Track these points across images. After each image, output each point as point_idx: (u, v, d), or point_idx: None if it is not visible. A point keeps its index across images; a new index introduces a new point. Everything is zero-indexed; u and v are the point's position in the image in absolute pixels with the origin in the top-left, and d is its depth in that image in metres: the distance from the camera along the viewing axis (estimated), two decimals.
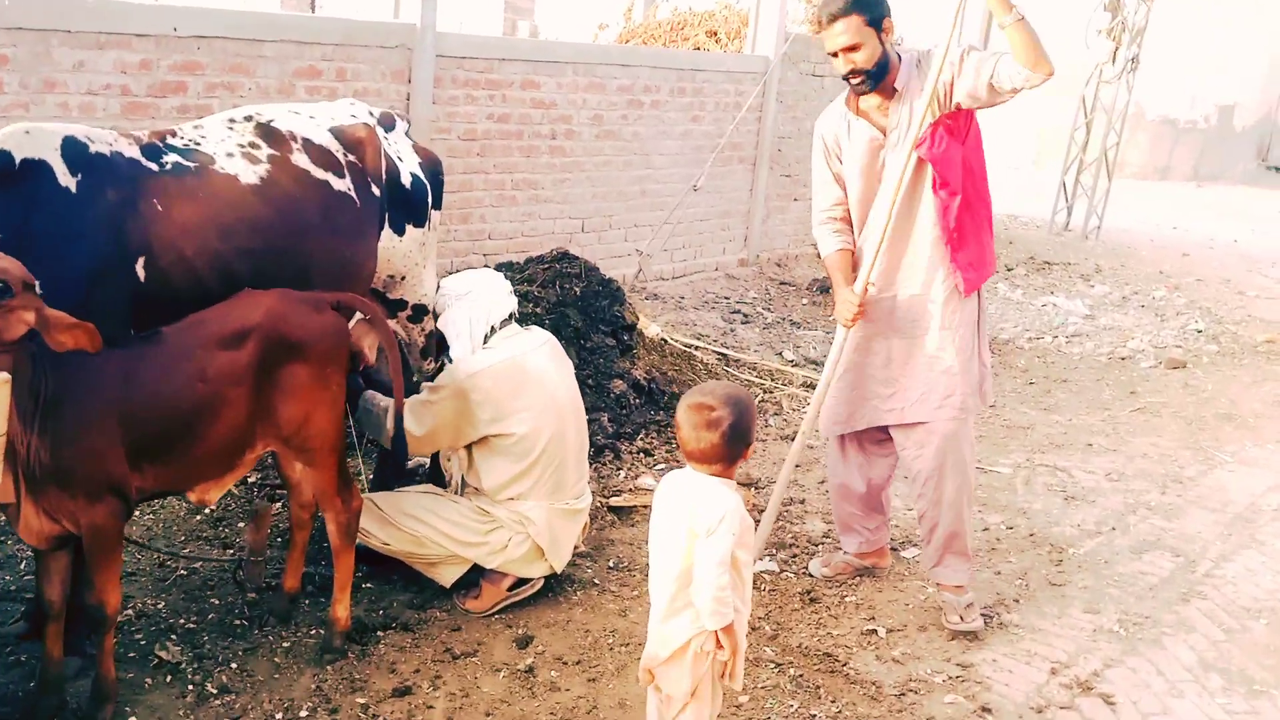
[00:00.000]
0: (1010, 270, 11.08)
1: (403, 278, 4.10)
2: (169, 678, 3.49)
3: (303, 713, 3.38)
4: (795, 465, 4.36)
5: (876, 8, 3.86)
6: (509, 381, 3.98)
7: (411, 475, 4.74)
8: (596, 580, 4.36)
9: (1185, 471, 6.16)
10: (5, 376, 2.77)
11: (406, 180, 3.96)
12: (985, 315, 4.22)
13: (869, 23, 3.84)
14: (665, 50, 10.63)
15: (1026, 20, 3.60)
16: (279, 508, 4.57)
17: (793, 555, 4.72)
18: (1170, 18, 16.32)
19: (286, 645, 3.74)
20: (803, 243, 10.41)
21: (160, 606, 3.89)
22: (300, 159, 3.64)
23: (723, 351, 7.24)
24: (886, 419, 4.20)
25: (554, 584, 4.22)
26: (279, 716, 3.36)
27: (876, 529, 4.53)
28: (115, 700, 3.24)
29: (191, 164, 3.42)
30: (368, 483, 4.66)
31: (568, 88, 7.82)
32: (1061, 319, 9.46)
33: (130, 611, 3.80)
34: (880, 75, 3.91)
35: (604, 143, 8.22)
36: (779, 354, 7.62)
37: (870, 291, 4.04)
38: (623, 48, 10.46)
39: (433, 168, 4.13)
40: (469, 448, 4.08)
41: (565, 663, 3.79)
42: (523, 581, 4.09)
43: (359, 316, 3.76)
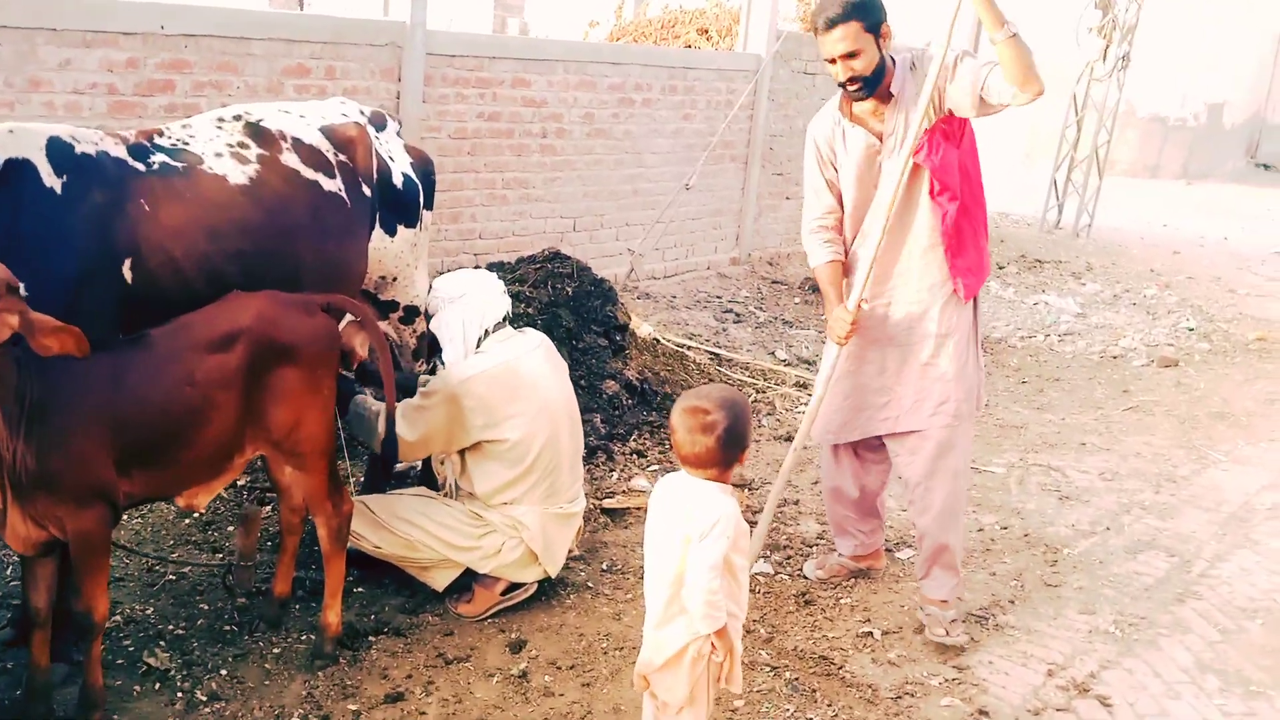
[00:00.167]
0: (1002, 268, 11.07)
1: (394, 279, 4.06)
2: (158, 685, 3.44)
3: None
4: (790, 472, 4.30)
5: (875, 13, 3.78)
6: (503, 387, 3.94)
7: (403, 478, 4.70)
8: (590, 583, 4.33)
9: (1179, 470, 6.15)
10: None
11: (398, 180, 3.92)
12: (980, 320, 4.17)
13: (867, 29, 3.76)
14: (657, 48, 10.61)
15: (1019, 37, 3.51)
16: (268, 511, 4.53)
17: (787, 557, 4.69)
18: (1160, 16, 16.34)
19: (277, 651, 3.70)
20: (795, 241, 10.37)
21: (149, 612, 3.85)
22: (290, 159, 3.59)
23: (715, 351, 7.21)
24: (880, 428, 4.13)
25: (547, 587, 4.18)
26: None
27: (871, 532, 4.50)
28: (103, 708, 3.20)
29: (179, 164, 3.38)
30: (358, 486, 4.62)
31: (559, 86, 7.78)
32: (1053, 317, 9.46)
33: (118, 617, 3.76)
34: (877, 81, 3.83)
35: (595, 141, 8.18)
36: (771, 353, 7.59)
37: (864, 308, 3.96)
38: (614, 46, 10.43)
39: (424, 167, 4.09)
40: (462, 453, 4.04)
41: (559, 667, 3.75)
42: (516, 586, 4.05)
43: (349, 318, 3.72)
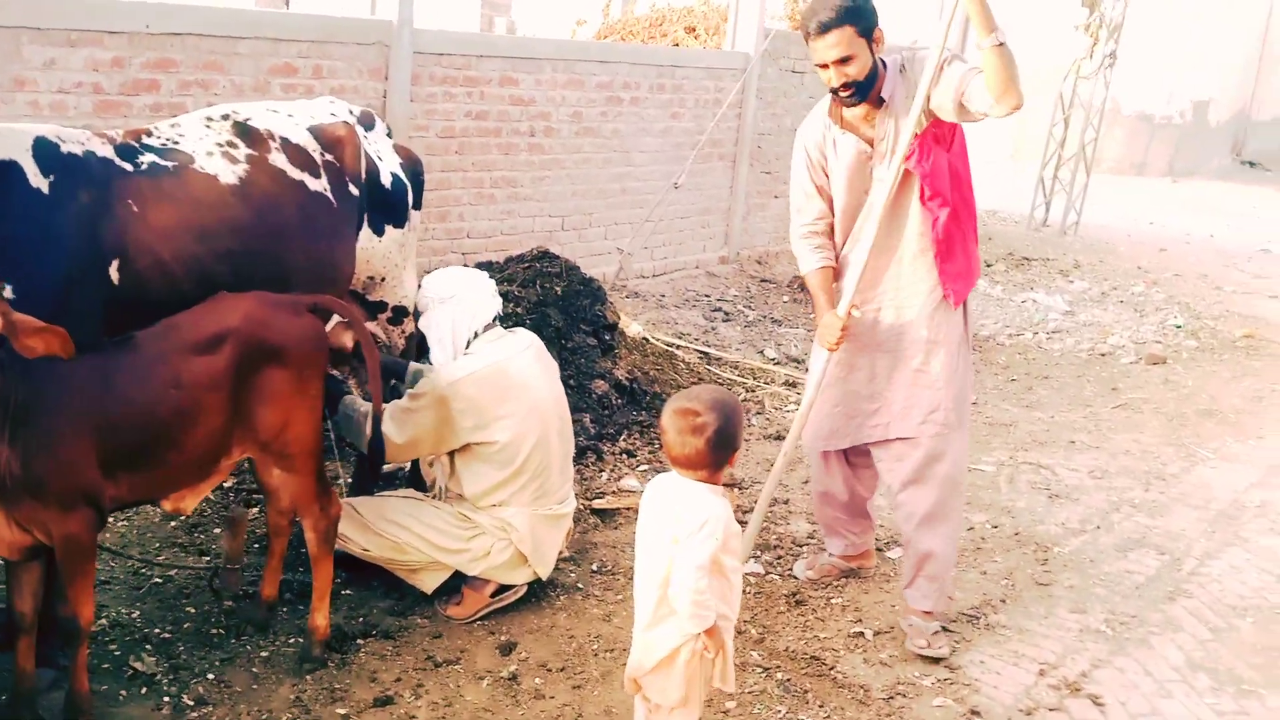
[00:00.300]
0: (990, 266, 11.08)
1: (382, 279, 4.03)
2: (144, 689, 3.41)
3: None
4: (780, 476, 4.26)
5: (869, 17, 3.70)
6: (492, 388, 3.91)
7: (391, 480, 4.68)
8: (580, 584, 4.31)
9: (1168, 468, 6.16)
10: None
11: (386, 180, 3.90)
12: (971, 325, 4.12)
13: (861, 33, 3.68)
14: (644, 46, 10.58)
15: (1006, 47, 3.44)
16: (255, 514, 4.50)
17: (778, 557, 4.68)
18: (1146, 13, 16.39)
19: (264, 655, 3.67)
20: (783, 240, 10.37)
21: (135, 616, 3.81)
22: (278, 159, 3.56)
23: (705, 350, 7.20)
24: (870, 436, 4.08)
25: (537, 589, 4.16)
26: None
27: (862, 532, 4.49)
28: (90, 713, 3.17)
29: (168, 164, 3.35)
30: (346, 488, 4.60)
31: (546, 84, 7.75)
32: (1041, 315, 9.47)
33: (104, 621, 3.72)
34: (870, 86, 3.77)
35: (583, 140, 8.15)
36: (760, 352, 7.58)
37: (854, 315, 3.91)
38: (602, 44, 10.40)
39: (413, 167, 4.07)
40: (451, 454, 4.02)
41: (549, 669, 3.73)
42: (506, 588, 4.03)
43: (337, 319, 3.69)
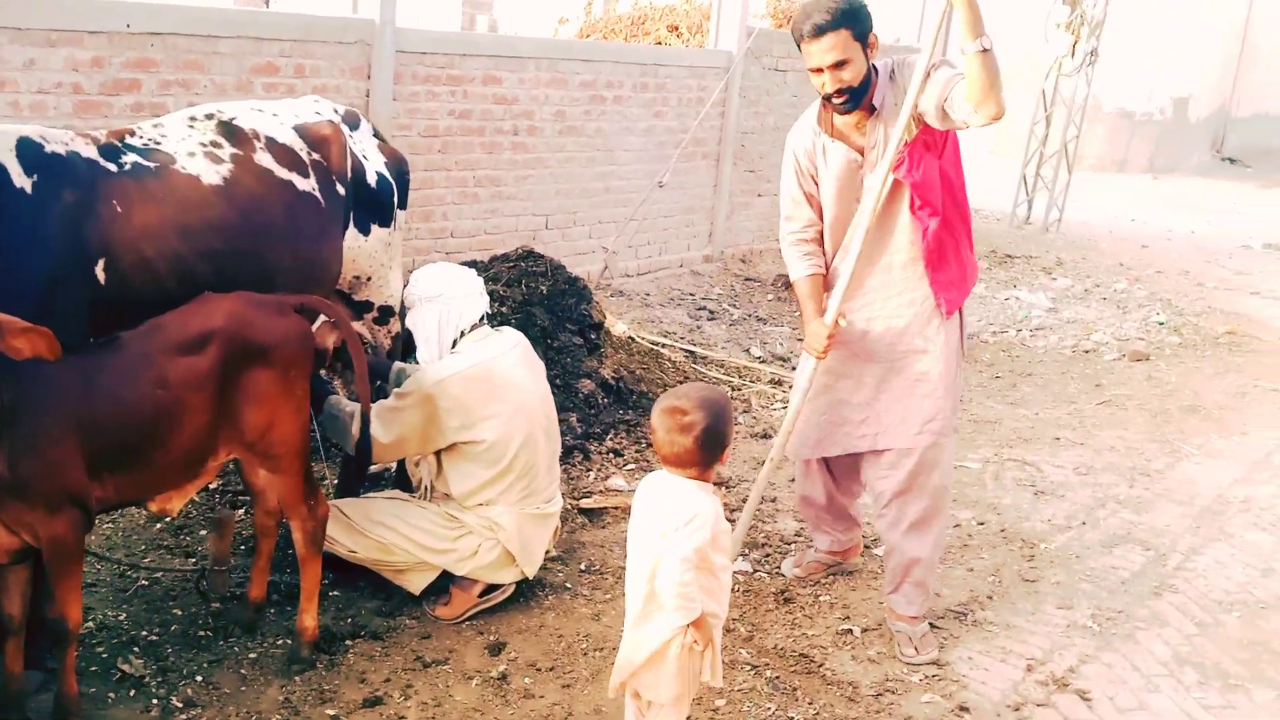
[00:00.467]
0: None
1: (368, 279, 4.02)
2: (132, 691, 3.39)
3: None
4: (768, 477, 4.21)
5: (864, 21, 3.61)
6: (479, 387, 3.90)
7: (377, 481, 4.66)
8: (568, 584, 4.30)
9: (1152, 464, 6.19)
10: None
11: (372, 179, 3.88)
12: (966, 332, 4.05)
13: (856, 37, 3.58)
14: (628, 45, 10.57)
15: (991, 54, 3.35)
16: (241, 515, 4.48)
17: (766, 555, 4.69)
18: (1127, 11, 16.48)
19: (253, 656, 3.65)
20: (767, 238, 10.40)
21: (121, 618, 3.79)
22: (264, 158, 3.55)
23: (690, 349, 7.20)
24: (859, 445, 4.02)
25: (525, 589, 4.16)
26: None
27: (846, 530, 4.46)
28: (78, 715, 3.15)
29: (151, 164, 3.32)
30: (332, 489, 4.58)
31: (530, 83, 7.74)
32: (1025, 312, 9.51)
33: (90, 624, 3.70)
34: (863, 92, 3.67)
35: (567, 139, 8.15)
36: (746, 350, 7.59)
37: (841, 324, 3.86)
38: (585, 43, 10.39)
39: (398, 167, 4.06)
40: (438, 454, 4.00)
41: (539, 669, 3.73)
42: (494, 587, 4.02)
43: (322, 319, 3.68)
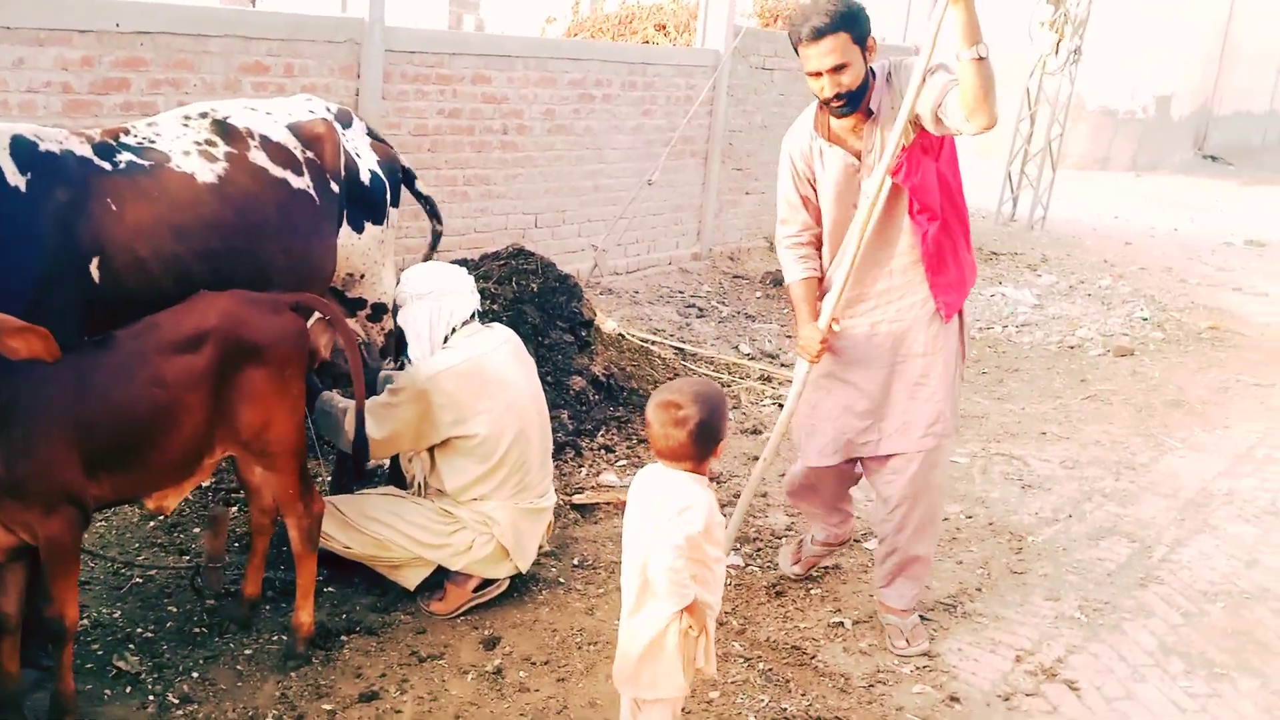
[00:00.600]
0: None
1: (362, 276, 4.04)
2: (129, 688, 3.41)
3: None
4: (762, 476, 4.21)
5: (864, 23, 3.55)
6: (471, 382, 3.93)
7: (370, 477, 4.68)
8: (562, 579, 4.33)
9: (1137, 458, 6.25)
10: None
11: (365, 178, 3.90)
12: (967, 334, 4.02)
13: (855, 40, 3.52)
14: (616, 44, 10.60)
15: (986, 62, 3.28)
16: (235, 512, 4.49)
17: (758, 549, 4.72)
18: (1110, 9, 16.57)
19: (248, 652, 3.67)
20: (755, 236, 10.44)
21: (116, 616, 3.80)
22: (258, 156, 3.56)
23: (680, 346, 7.24)
24: (864, 451, 3.96)
25: (519, 584, 4.18)
26: None
27: (843, 522, 4.42)
28: (75, 713, 3.16)
29: (146, 163, 3.34)
30: (326, 486, 4.59)
31: (519, 82, 7.77)
32: (1011, 309, 9.57)
33: (85, 621, 3.71)
34: (861, 96, 3.61)
35: (556, 137, 8.17)
36: (735, 347, 7.62)
37: (835, 329, 3.83)
38: (574, 41, 10.41)
39: (391, 165, 4.07)
40: (431, 450, 4.03)
41: (533, 663, 3.76)
42: (488, 582, 4.05)
43: (317, 316, 3.70)
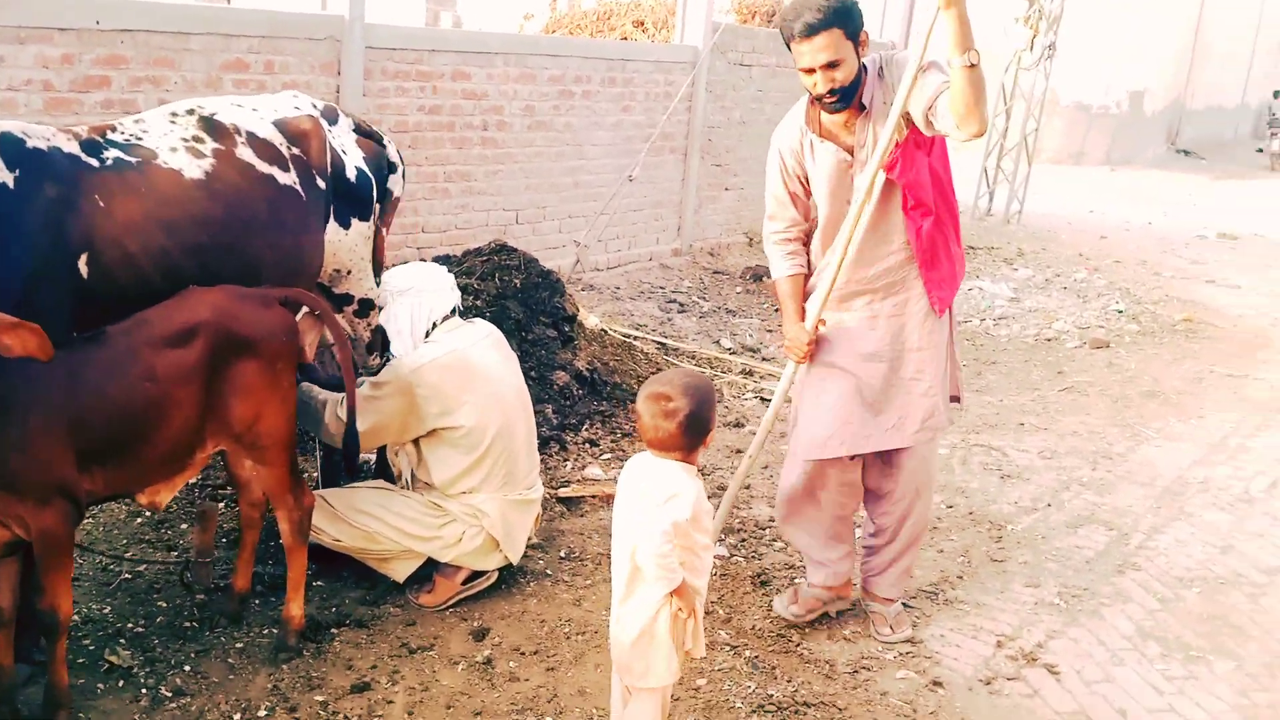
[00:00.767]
0: None
1: (348, 272, 4.06)
2: (121, 682, 3.43)
3: (261, 712, 3.35)
4: (749, 468, 4.12)
5: (856, 19, 3.52)
6: (454, 375, 3.96)
7: (356, 472, 4.69)
8: (549, 571, 4.37)
9: (1114, 448, 6.34)
10: None
11: (351, 174, 3.92)
12: (956, 328, 4.04)
13: (848, 35, 3.48)
14: (595, 40, 10.63)
15: (978, 69, 3.26)
16: (222, 508, 4.50)
17: (741, 540, 4.78)
18: (1084, 6, 16.73)
19: (240, 646, 3.69)
20: (735, 231, 10.50)
21: (106, 611, 3.82)
22: (245, 153, 3.58)
23: (662, 341, 7.28)
24: (863, 446, 3.90)
25: (507, 576, 4.22)
26: (237, 717, 3.32)
27: (840, 559, 4.14)
28: (69, 707, 3.18)
29: (133, 159, 3.35)
30: (315, 480, 4.61)
31: (499, 78, 7.79)
32: (988, 302, 9.67)
33: (76, 617, 3.71)
34: (854, 91, 3.59)
35: (536, 134, 8.21)
36: (716, 342, 7.68)
37: (821, 330, 3.83)
38: (553, 38, 10.43)
39: (376, 161, 4.10)
40: (416, 441, 4.06)
41: (523, 653, 3.80)
42: (476, 575, 4.08)
43: (304, 311, 3.72)
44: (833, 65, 3.49)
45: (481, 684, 3.60)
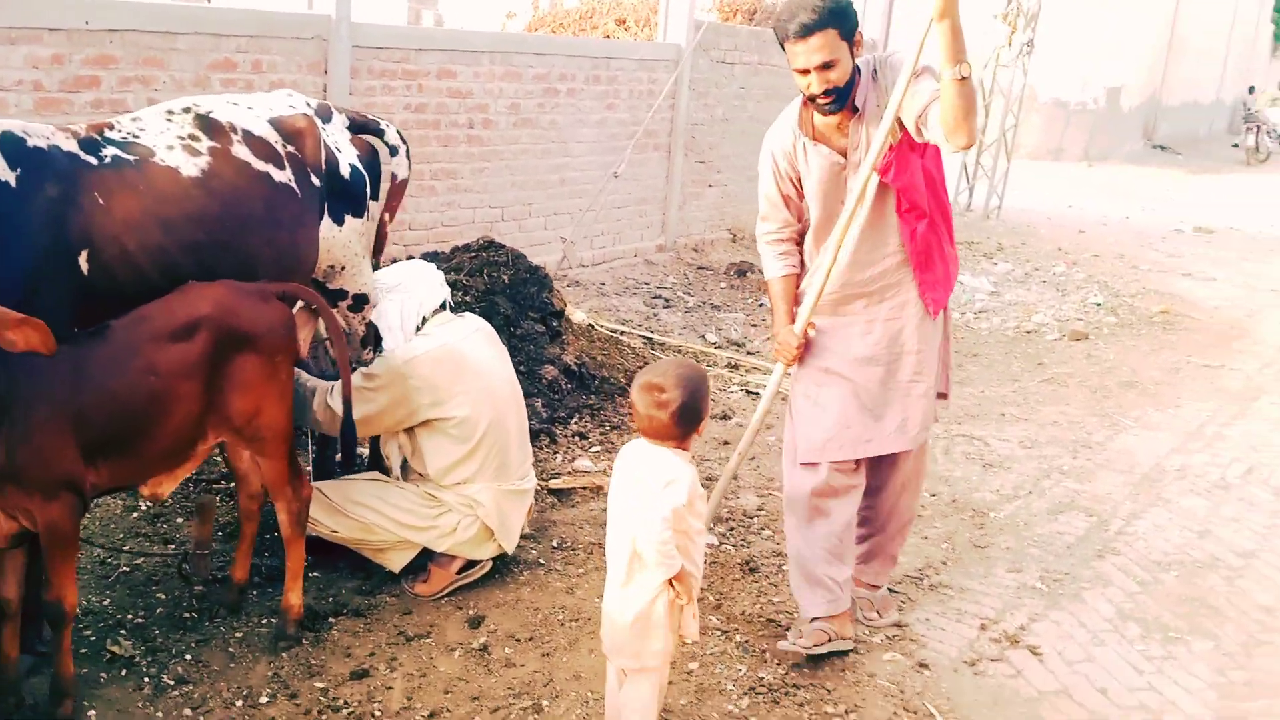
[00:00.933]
0: None
1: (342, 268, 4.12)
2: (124, 671, 3.48)
3: (263, 699, 3.41)
4: (738, 465, 4.16)
5: (851, 18, 3.49)
6: (446, 367, 4.03)
7: (353, 465, 4.76)
8: (542, 560, 4.44)
9: (1093, 437, 6.45)
10: None
11: (345, 171, 3.99)
12: (951, 328, 4.04)
13: (843, 36, 3.46)
14: (579, 39, 10.71)
15: (969, 82, 3.25)
16: (217, 501, 4.56)
17: (730, 529, 4.86)
18: (1061, 3, 16.88)
19: (239, 635, 3.75)
20: (718, 228, 10.58)
21: (106, 603, 3.87)
22: (241, 151, 3.64)
23: (648, 336, 7.36)
24: (863, 450, 3.86)
25: (500, 566, 4.29)
26: (239, 704, 3.39)
27: (845, 582, 3.97)
28: (74, 695, 3.24)
29: (131, 157, 3.40)
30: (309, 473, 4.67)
31: (484, 77, 7.85)
32: (969, 296, 9.78)
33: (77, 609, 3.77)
34: (849, 92, 3.56)
35: (521, 131, 8.27)
36: (702, 337, 7.76)
37: (810, 334, 3.82)
38: (538, 37, 10.50)
39: (370, 159, 4.16)
40: (410, 433, 4.12)
41: (518, 640, 3.87)
42: (471, 564, 4.15)
43: (300, 306, 3.78)
44: (828, 66, 3.47)
45: (478, 669, 3.68)
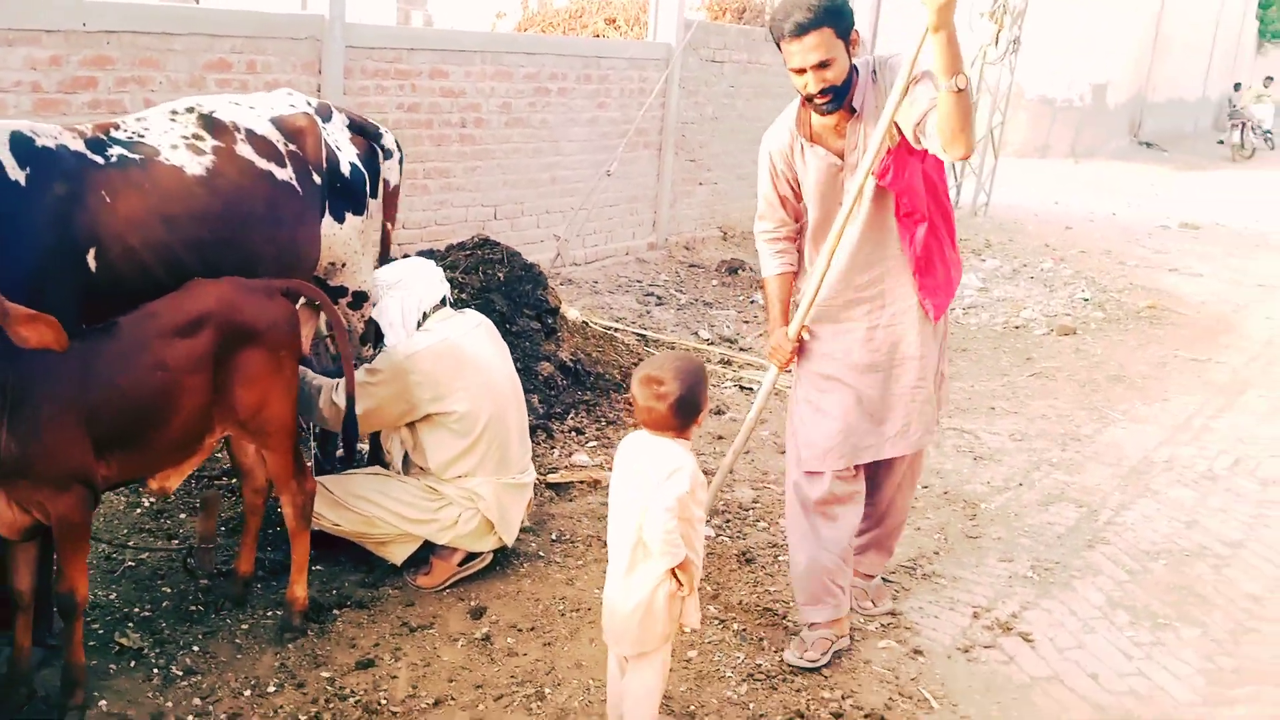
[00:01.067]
0: None
1: (343, 265, 4.18)
2: (133, 663, 3.54)
3: (270, 688, 3.47)
4: (733, 463, 4.18)
5: (848, 17, 3.46)
6: (447, 362, 4.09)
7: (354, 459, 4.81)
8: (541, 553, 4.51)
9: (1082, 430, 6.54)
10: None
11: (346, 169, 4.04)
12: (949, 333, 4.03)
13: (839, 34, 3.43)
14: (570, 38, 10.76)
15: (967, 94, 3.24)
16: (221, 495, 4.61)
17: (726, 521, 4.93)
18: (1047, 1, 16.98)
19: (245, 627, 3.81)
20: (709, 226, 10.65)
21: (113, 597, 3.92)
22: (244, 150, 3.70)
23: (642, 333, 7.43)
24: (864, 456, 3.85)
25: (501, 559, 4.35)
26: (247, 693, 3.44)
27: (846, 590, 3.99)
28: (85, 685, 3.28)
29: (136, 156, 3.46)
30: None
31: (476, 76, 7.91)
32: (958, 292, 9.86)
33: None
34: (846, 92, 3.52)
35: (513, 130, 8.32)
36: (695, 333, 7.83)
37: (805, 337, 3.81)
38: (529, 36, 10.56)
39: (369, 157, 4.21)
40: (412, 427, 4.18)
41: (520, 630, 3.93)
42: (472, 557, 4.21)
43: (302, 302, 3.84)
44: (824, 65, 3.44)
45: (481, 659, 3.74)
